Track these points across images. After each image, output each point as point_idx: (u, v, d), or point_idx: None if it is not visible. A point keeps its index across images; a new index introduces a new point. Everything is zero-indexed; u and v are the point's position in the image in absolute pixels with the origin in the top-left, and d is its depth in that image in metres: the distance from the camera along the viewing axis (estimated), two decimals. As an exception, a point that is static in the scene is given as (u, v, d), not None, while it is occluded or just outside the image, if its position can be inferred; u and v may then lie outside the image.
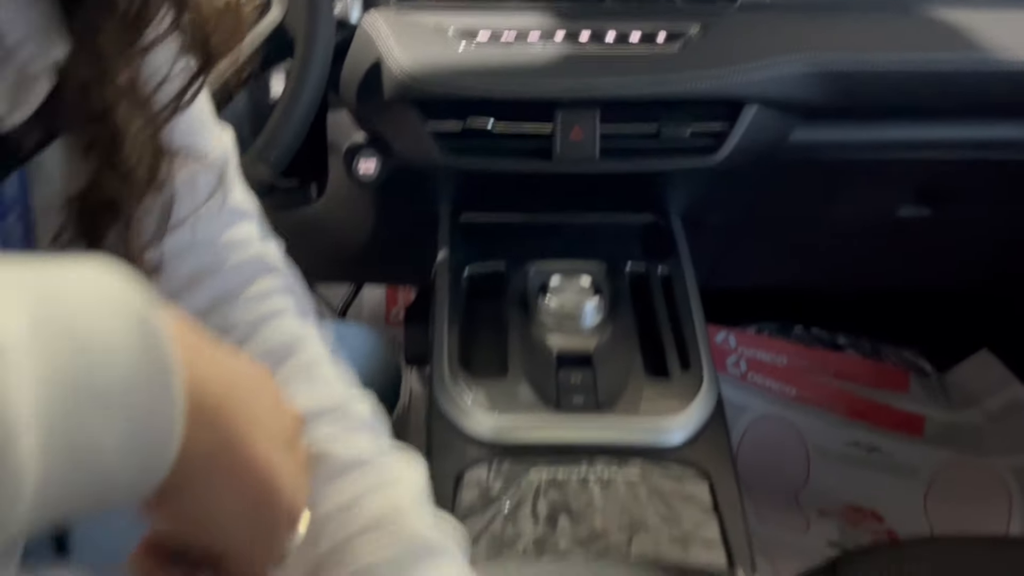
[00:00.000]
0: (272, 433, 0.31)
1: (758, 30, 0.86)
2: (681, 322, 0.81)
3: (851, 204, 1.00)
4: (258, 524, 0.31)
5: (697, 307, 0.83)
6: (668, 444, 0.68)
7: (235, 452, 0.29)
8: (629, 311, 0.83)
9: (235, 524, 0.31)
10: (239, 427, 0.29)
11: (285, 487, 0.31)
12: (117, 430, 0.23)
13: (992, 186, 0.99)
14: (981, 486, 1.27)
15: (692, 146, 0.84)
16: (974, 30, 0.86)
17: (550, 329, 0.80)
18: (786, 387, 1.41)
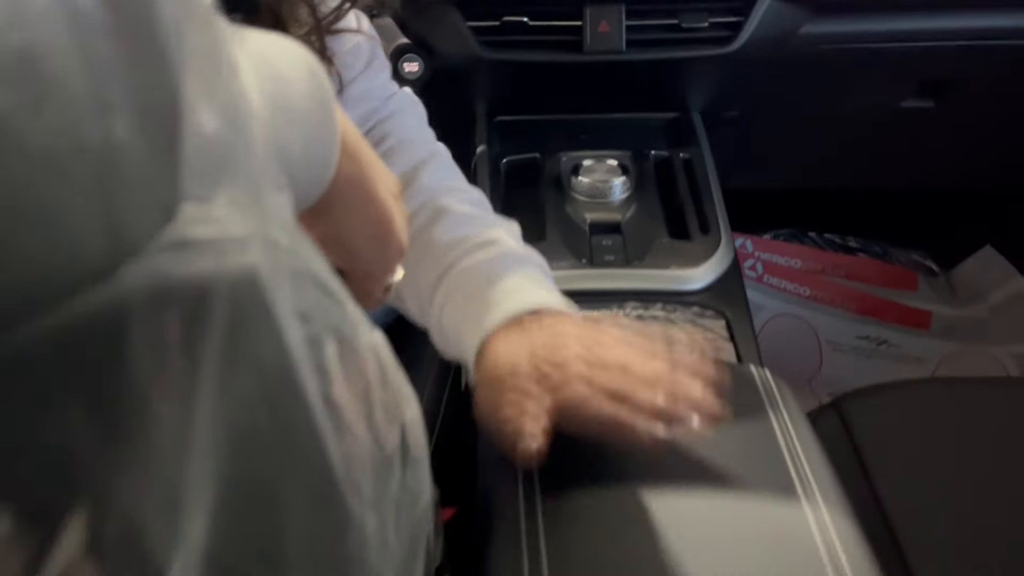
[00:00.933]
0: (387, 184, 0.40)
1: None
2: (700, 195, 0.90)
3: (857, 96, 1.07)
4: (376, 251, 0.41)
5: (715, 184, 0.92)
6: (689, 289, 0.78)
7: (365, 187, 0.38)
8: (654, 189, 0.92)
9: (362, 247, 0.40)
10: (367, 169, 0.38)
11: (397, 225, 0.41)
12: (300, 135, 0.32)
13: (992, 76, 1.06)
14: (983, 371, 1.35)
15: (710, 36, 0.92)
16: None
17: (583, 204, 0.89)
18: (800, 288, 1.49)
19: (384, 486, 0.30)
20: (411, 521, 0.34)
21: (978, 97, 1.09)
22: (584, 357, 0.47)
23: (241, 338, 0.21)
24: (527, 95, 1.04)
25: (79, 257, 0.15)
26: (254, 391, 0.21)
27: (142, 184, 0.17)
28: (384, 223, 0.40)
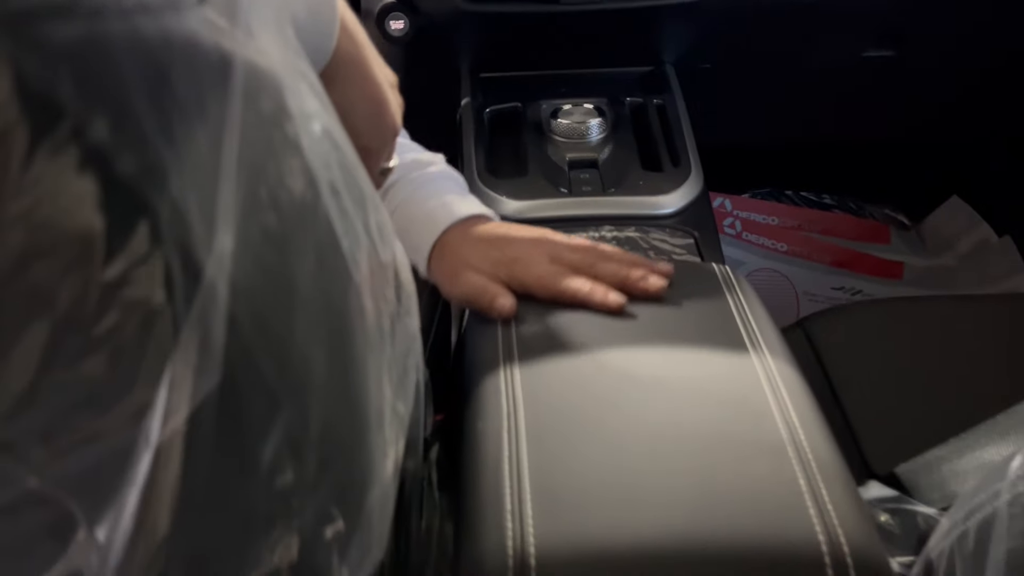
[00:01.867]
0: (382, 71, 0.46)
1: None
2: (672, 134, 0.95)
3: (821, 47, 1.13)
4: (373, 128, 0.46)
5: (687, 124, 0.97)
6: (660, 214, 0.83)
7: (362, 67, 0.44)
8: (629, 129, 0.97)
9: (361, 122, 0.46)
10: (364, 50, 0.44)
11: (392, 107, 0.46)
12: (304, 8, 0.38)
13: (947, 25, 1.11)
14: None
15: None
16: None
17: (562, 144, 0.94)
18: (777, 243, 1.55)
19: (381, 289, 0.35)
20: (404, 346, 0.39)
21: (935, 46, 1.15)
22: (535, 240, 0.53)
23: (258, 107, 0.26)
24: (508, 50, 1.10)
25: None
26: (269, 152, 0.27)
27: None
28: (380, 102, 0.46)
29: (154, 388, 0.22)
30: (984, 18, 1.12)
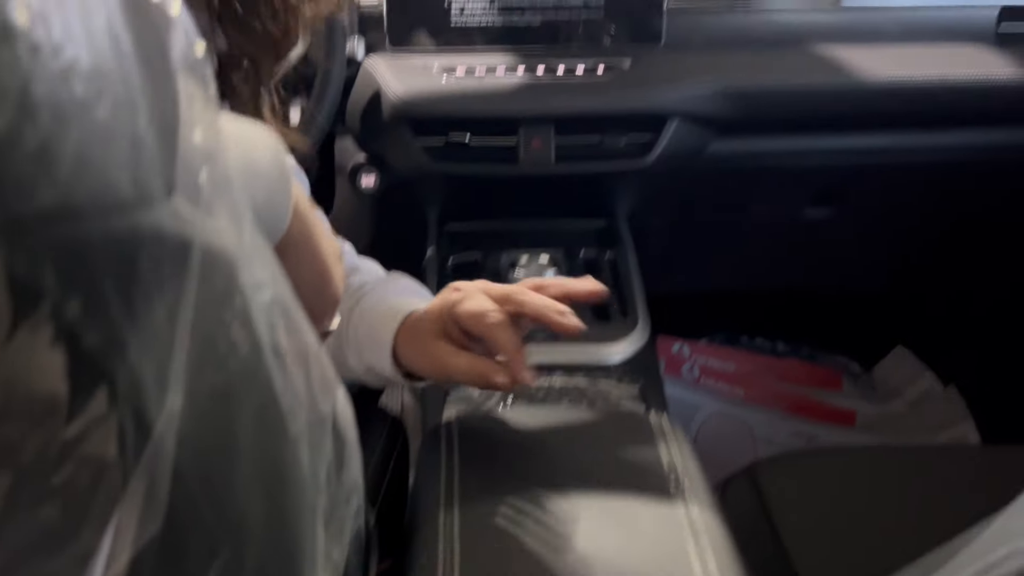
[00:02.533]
0: (329, 246, 0.51)
1: (678, 62, 1.09)
2: (623, 287, 1.01)
3: (763, 206, 1.22)
4: (316, 299, 0.51)
5: (637, 277, 1.04)
6: (608, 363, 0.88)
7: (310, 245, 0.48)
8: (582, 282, 1.03)
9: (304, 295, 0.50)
10: (313, 231, 0.48)
11: (335, 280, 0.51)
12: (262, 192, 0.43)
13: (877, 188, 1.21)
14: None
15: (627, 152, 1.06)
16: (846, 60, 1.10)
17: (518, 295, 1.00)
18: (735, 389, 1.59)
19: (318, 442, 0.38)
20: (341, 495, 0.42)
21: (868, 207, 1.24)
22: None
23: (213, 284, 0.30)
24: (471, 203, 1.17)
25: (118, 191, 0.25)
26: (220, 322, 0.31)
27: (153, 161, 0.27)
28: (323, 276, 0.50)
29: (101, 534, 0.25)
30: (915, 185, 1.21)
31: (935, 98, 1.06)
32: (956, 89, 1.05)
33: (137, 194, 0.26)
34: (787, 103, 1.08)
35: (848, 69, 1.08)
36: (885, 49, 1.12)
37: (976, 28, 1.14)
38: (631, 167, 1.07)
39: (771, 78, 1.07)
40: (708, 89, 1.05)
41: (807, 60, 1.11)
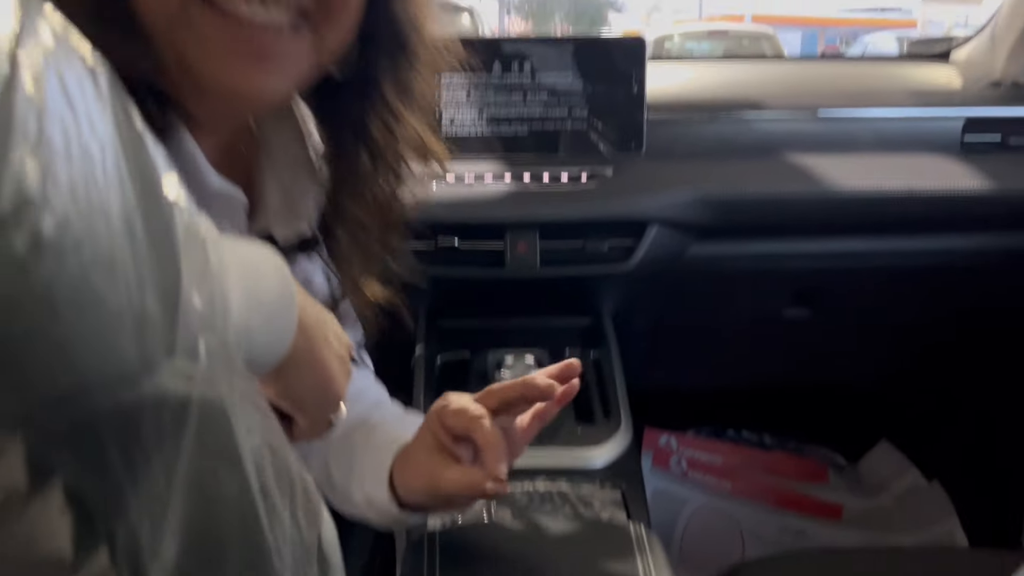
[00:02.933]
0: (334, 352, 0.53)
1: (659, 170, 1.14)
2: (606, 388, 1.03)
3: (745, 307, 1.25)
4: (320, 402, 0.53)
5: (620, 378, 1.06)
6: (590, 468, 0.89)
7: (313, 357, 0.51)
8: (567, 383, 1.05)
9: (308, 398, 0.52)
10: (317, 343, 0.51)
11: (337, 384, 0.54)
12: (264, 321, 0.46)
13: (854, 290, 1.25)
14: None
15: (610, 257, 1.10)
16: (820, 169, 1.15)
17: (504, 396, 1.02)
18: (722, 482, 1.60)
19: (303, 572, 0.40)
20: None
21: (846, 308, 1.28)
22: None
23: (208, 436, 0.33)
24: (460, 302, 1.20)
25: (125, 364, 0.28)
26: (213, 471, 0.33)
27: (156, 330, 0.30)
28: (326, 384, 0.53)
29: None
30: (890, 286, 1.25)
31: (905, 207, 1.11)
32: (924, 199, 1.10)
33: (142, 364, 0.29)
34: (764, 210, 1.12)
35: (822, 178, 1.13)
36: (858, 158, 1.18)
37: (943, 138, 1.20)
38: (614, 271, 1.10)
39: (748, 186, 1.12)
40: (687, 197, 1.10)
41: (783, 168, 1.16)
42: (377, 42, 0.63)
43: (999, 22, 1.28)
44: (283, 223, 0.66)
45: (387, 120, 0.66)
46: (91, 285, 0.27)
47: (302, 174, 0.68)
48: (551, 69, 1.15)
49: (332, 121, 0.67)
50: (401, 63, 0.65)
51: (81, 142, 0.27)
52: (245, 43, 0.52)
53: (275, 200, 0.67)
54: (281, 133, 0.69)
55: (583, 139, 1.16)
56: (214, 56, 0.52)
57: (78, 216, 0.26)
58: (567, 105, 1.16)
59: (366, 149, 0.66)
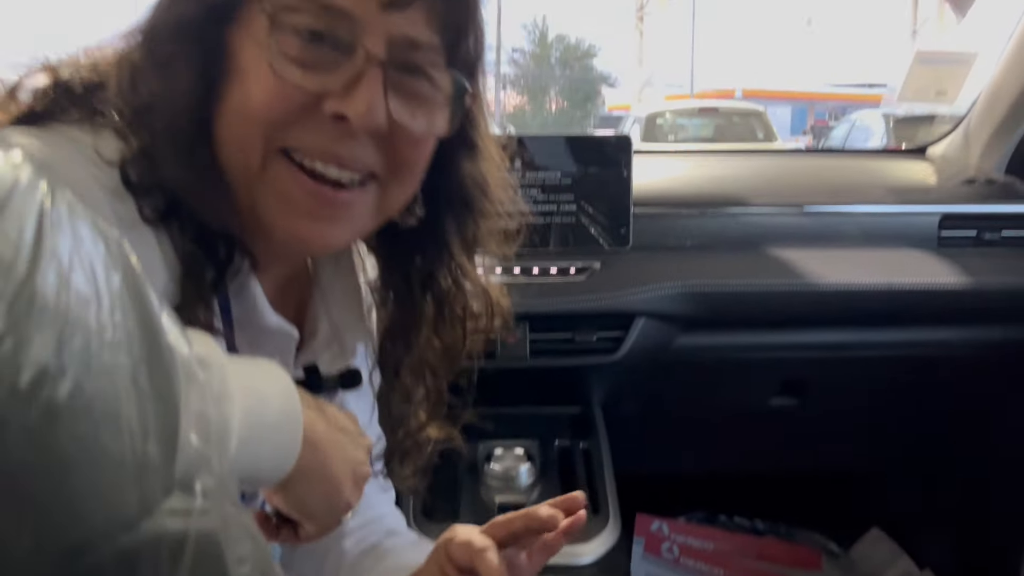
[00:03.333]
0: (344, 459, 0.55)
1: (644, 264, 1.17)
2: (595, 481, 1.05)
3: (732, 396, 1.27)
4: (327, 511, 0.55)
5: (609, 471, 1.07)
6: (578, 564, 0.90)
7: (321, 471, 0.53)
8: (556, 475, 1.07)
9: (315, 508, 0.54)
10: (325, 457, 0.53)
11: (348, 495, 0.55)
12: (269, 440, 0.48)
13: (840, 380, 1.27)
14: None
15: (598, 348, 1.12)
16: (802, 263, 1.19)
17: (494, 488, 1.03)
18: (715, 570, 1.59)
19: None
20: None
21: (832, 397, 1.30)
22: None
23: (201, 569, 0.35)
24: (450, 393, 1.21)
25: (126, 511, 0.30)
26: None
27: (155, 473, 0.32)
28: (335, 496, 0.55)
29: None
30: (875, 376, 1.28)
31: (885, 302, 1.14)
32: (903, 294, 1.13)
33: (142, 508, 0.31)
34: (748, 303, 1.15)
35: (804, 272, 1.17)
36: (840, 252, 1.22)
37: (921, 233, 1.24)
38: (602, 361, 1.13)
39: (732, 280, 1.15)
40: (673, 290, 1.13)
41: (767, 262, 1.19)
42: (445, 201, 0.67)
43: (972, 121, 1.34)
44: (329, 357, 0.68)
45: (453, 272, 0.70)
46: (99, 442, 0.29)
47: (352, 313, 0.71)
48: (541, 165, 1.20)
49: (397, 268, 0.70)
50: (467, 222, 0.69)
51: (97, 309, 0.29)
52: (318, 198, 0.56)
53: (324, 335, 0.69)
54: (336, 272, 0.71)
55: (572, 233, 1.20)
56: (287, 208, 0.56)
57: (89, 379, 0.29)
58: (557, 200, 1.20)
59: (432, 296, 0.70)
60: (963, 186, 1.30)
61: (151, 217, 0.54)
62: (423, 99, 0.59)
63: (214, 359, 0.42)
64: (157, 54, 0.55)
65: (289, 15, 0.54)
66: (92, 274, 0.30)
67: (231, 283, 0.59)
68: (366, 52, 0.55)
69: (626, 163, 1.21)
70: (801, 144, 12.85)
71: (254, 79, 0.54)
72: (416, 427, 0.77)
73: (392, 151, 0.58)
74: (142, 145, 0.54)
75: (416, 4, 0.56)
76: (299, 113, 0.55)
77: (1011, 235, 1.23)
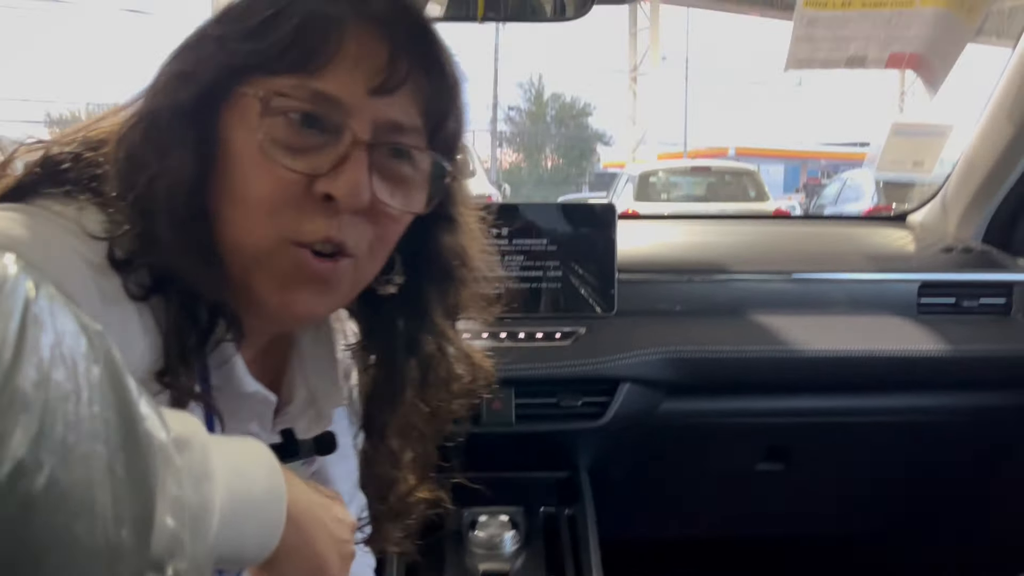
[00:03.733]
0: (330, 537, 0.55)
1: (629, 330, 1.19)
2: (579, 548, 1.05)
3: (718, 461, 1.28)
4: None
5: (594, 538, 1.07)
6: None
7: (306, 549, 0.53)
8: (541, 541, 1.07)
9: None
10: (309, 535, 0.53)
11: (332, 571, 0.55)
12: (253, 518, 0.48)
13: (825, 445, 1.28)
14: None
15: (583, 413, 1.13)
16: (786, 329, 1.20)
17: (478, 556, 1.03)
18: (703, 637, 1.57)
19: None
20: None
21: (819, 462, 1.30)
22: None
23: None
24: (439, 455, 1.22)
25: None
26: None
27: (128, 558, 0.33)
28: (319, 572, 0.55)
29: None
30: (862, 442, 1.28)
31: (866, 369, 1.16)
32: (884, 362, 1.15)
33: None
34: (731, 369, 1.17)
35: (787, 339, 1.18)
36: (822, 318, 1.24)
37: (901, 300, 1.26)
38: (587, 427, 1.13)
39: (716, 346, 1.17)
40: (657, 356, 1.15)
41: (751, 328, 1.21)
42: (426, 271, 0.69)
43: (949, 191, 1.37)
44: (306, 422, 0.70)
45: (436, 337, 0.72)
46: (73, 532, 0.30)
47: (329, 378, 0.72)
48: (528, 232, 1.22)
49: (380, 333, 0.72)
50: (448, 290, 0.71)
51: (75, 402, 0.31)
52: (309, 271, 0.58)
53: (301, 400, 0.70)
54: (315, 339, 0.73)
55: (558, 298, 1.22)
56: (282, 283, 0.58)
57: (65, 470, 0.30)
58: (542, 267, 1.22)
59: (417, 361, 0.71)
60: (941, 254, 1.33)
61: (137, 293, 0.56)
62: (404, 179, 0.61)
63: (196, 439, 0.44)
64: (155, 137, 0.58)
65: (280, 101, 0.56)
66: (72, 367, 0.31)
67: (212, 350, 0.61)
68: (353, 135, 0.57)
69: (611, 229, 1.23)
70: (795, 201, 12.99)
71: (249, 163, 0.57)
72: (405, 490, 0.77)
73: (370, 227, 0.61)
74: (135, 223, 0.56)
75: (402, 90, 0.59)
76: (296, 198, 0.57)
77: (989, 303, 1.26)
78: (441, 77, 0.62)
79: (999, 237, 1.32)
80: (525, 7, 1.07)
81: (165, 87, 0.59)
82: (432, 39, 0.62)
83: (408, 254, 0.67)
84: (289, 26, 0.56)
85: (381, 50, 0.58)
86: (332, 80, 0.57)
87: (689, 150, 22.05)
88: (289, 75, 0.56)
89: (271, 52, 0.56)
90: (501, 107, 25.62)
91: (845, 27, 1.20)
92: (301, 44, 0.56)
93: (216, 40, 0.58)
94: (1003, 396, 1.20)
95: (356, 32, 0.58)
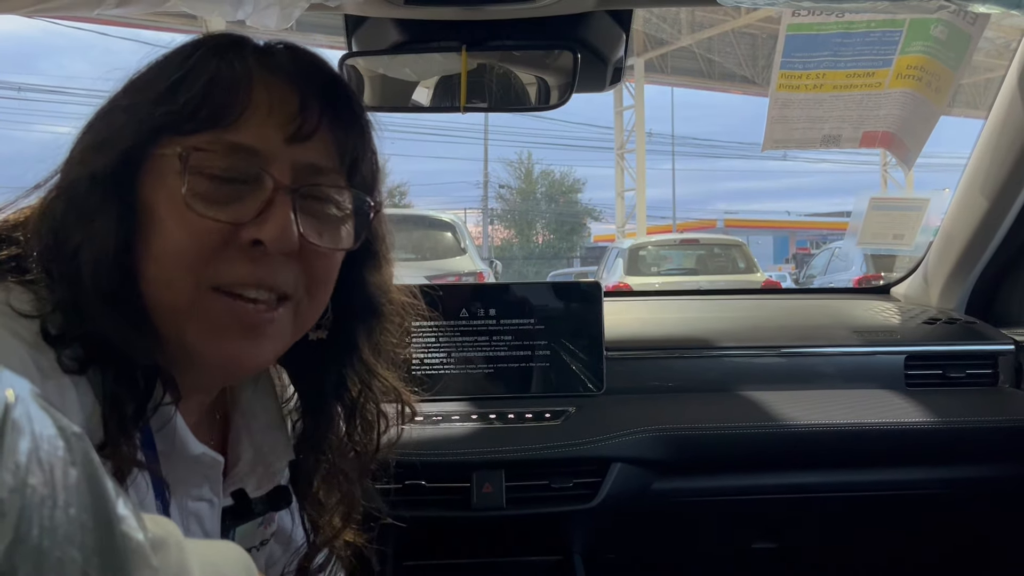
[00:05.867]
0: None
1: (618, 409, 1.19)
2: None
3: (713, 540, 1.26)
4: None
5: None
6: None
7: None
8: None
9: None
10: None
11: None
12: None
13: (820, 521, 1.26)
14: None
15: (575, 494, 1.12)
16: (776, 404, 1.20)
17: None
18: None
19: None
20: None
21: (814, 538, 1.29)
22: None
23: None
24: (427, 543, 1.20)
25: None
26: None
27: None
28: None
29: None
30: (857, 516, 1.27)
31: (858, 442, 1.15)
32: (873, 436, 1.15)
33: None
34: (723, 446, 1.16)
35: (778, 415, 1.18)
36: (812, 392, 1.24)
37: (888, 372, 1.27)
38: (579, 508, 1.12)
39: (707, 424, 1.17)
40: (647, 435, 1.14)
41: (742, 404, 1.21)
42: (354, 311, 0.72)
43: (929, 263, 1.39)
44: (255, 480, 0.70)
45: (364, 376, 0.74)
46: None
47: (275, 433, 0.73)
48: (515, 312, 1.23)
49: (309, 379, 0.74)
50: (375, 326, 0.73)
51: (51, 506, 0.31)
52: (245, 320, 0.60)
53: (248, 459, 0.71)
54: (256, 393, 0.74)
55: (546, 378, 1.22)
56: (217, 334, 0.60)
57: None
58: (530, 347, 1.22)
59: (343, 403, 0.73)
60: (926, 326, 1.34)
61: (71, 367, 0.56)
62: (329, 219, 0.64)
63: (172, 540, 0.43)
64: (77, 207, 0.59)
65: (198, 156, 0.58)
66: (50, 471, 0.32)
67: (153, 416, 0.61)
68: (274, 181, 0.60)
69: (598, 306, 1.24)
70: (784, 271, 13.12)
71: (169, 220, 0.58)
72: (331, 534, 0.77)
73: (304, 269, 0.63)
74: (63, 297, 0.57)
75: (316, 136, 0.62)
76: (219, 247, 0.59)
77: (976, 373, 1.26)
78: (352, 120, 0.66)
79: (981, 307, 1.34)
80: (508, 96, 1.10)
81: (82, 158, 0.60)
82: (339, 85, 0.66)
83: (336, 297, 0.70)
84: (198, 85, 0.59)
85: (291, 99, 0.61)
86: (246, 132, 0.59)
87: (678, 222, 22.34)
88: (204, 132, 0.59)
89: (184, 112, 0.59)
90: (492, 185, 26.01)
91: (818, 108, 1.24)
92: (212, 101, 0.59)
93: (127, 108, 0.60)
94: (996, 468, 1.20)
95: (264, 84, 0.61)
